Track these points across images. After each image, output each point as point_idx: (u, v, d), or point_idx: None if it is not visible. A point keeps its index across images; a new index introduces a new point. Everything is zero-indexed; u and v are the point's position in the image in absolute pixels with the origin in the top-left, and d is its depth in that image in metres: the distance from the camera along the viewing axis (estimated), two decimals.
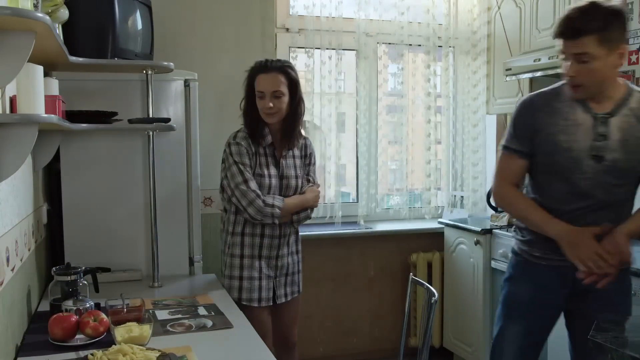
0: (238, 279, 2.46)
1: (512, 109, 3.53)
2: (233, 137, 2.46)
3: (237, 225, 2.47)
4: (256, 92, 2.41)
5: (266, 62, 2.43)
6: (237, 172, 2.39)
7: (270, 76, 2.39)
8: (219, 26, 3.45)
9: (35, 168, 2.32)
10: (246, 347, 1.86)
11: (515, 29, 3.52)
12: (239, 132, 2.48)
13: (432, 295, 2.22)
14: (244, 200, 2.37)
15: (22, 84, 1.58)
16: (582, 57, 1.86)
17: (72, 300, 1.97)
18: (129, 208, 2.63)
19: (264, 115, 2.42)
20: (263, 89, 2.39)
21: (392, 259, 3.84)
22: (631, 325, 1.74)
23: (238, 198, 2.38)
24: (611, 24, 1.83)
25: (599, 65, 1.85)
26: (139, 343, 1.70)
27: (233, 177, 2.39)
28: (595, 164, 1.96)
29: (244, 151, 2.42)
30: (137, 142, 2.61)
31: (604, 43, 1.82)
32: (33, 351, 1.76)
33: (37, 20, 1.37)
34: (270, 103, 2.38)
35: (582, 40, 1.83)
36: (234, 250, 2.47)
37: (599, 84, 1.91)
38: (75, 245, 2.54)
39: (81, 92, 2.52)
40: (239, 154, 2.41)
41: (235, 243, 2.47)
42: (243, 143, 2.42)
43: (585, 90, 1.93)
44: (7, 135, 1.56)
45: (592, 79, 1.89)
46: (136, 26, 2.71)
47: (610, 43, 1.83)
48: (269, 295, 2.49)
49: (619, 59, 1.86)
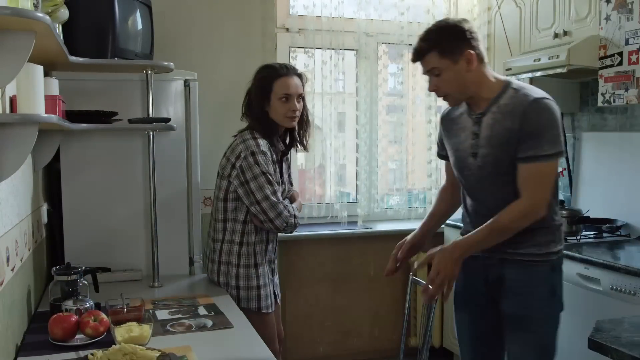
0: (256, 288, 2.43)
1: None
2: (255, 145, 2.36)
3: (249, 235, 2.43)
4: (278, 96, 2.39)
5: (285, 66, 2.45)
6: (265, 184, 2.34)
7: (293, 79, 2.41)
8: (219, 26, 3.45)
9: (36, 168, 2.32)
10: (246, 347, 1.86)
11: (515, 29, 3.52)
12: (256, 139, 2.39)
13: None
14: (272, 212, 2.34)
15: (22, 83, 1.58)
16: (434, 72, 2.05)
17: (72, 300, 1.97)
18: (129, 208, 2.63)
19: (286, 119, 2.42)
20: (291, 91, 2.40)
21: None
22: (631, 325, 1.74)
23: (265, 209, 2.34)
24: (443, 38, 2.03)
25: (451, 74, 2.03)
26: (139, 343, 1.70)
27: (262, 188, 2.33)
28: (474, 161, 2.12)
29: (269, 160, 2.38)
30: (137, 142, 2.62)
31: (444, 55, 2.01)
32: (33, 351, 1.76)
33: (37, 20, 1.37)
34: (298, 105, 2.40)
35: (426, 59, 2.05)
36: (248, 261, 2.44)
37: (462, 89, 2.07)
38: (75, 245, 2.54)
39: (81, 92, 2.52)
40: (267, 163, 2.36)
41: (249, 253, 2.44)
42: (268, 152, 2.38)
43: (453, 98, 2.12)
44: (7, 135, 1.56)
45: (452, 87, 2.07)
46: (136, 26, 2.71)
47: (452, 54, 2.01)
48: (273, 299, 2.53)
49: (467, 64, 2.02)
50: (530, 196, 2.00)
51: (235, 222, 2.43)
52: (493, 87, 2.09)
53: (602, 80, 2.86)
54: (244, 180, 2.35)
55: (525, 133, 1.99)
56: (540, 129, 1.99)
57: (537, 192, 2.01)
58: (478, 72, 2.06)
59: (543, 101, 2.02)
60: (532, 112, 2.00)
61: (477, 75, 2.06)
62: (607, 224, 3.08)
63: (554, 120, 2.01)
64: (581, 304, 2.66)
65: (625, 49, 2.73)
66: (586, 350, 1.66)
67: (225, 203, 2.43)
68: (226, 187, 2.41)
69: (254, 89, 2.45)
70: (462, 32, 2.03)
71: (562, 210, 3.07)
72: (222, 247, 2.45)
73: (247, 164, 2.34)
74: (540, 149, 1.98)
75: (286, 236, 3.53)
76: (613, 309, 2.43)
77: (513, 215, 2.01)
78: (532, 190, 2.00)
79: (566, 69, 2.91)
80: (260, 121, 2.42)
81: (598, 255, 2.65)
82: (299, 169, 3.92)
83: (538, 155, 1.98)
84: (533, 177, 2.01)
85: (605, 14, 2.83)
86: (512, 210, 2.00)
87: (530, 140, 1.99)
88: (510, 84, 2.10)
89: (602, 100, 2.86)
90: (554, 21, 3.20)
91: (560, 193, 3.46)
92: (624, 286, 2.43)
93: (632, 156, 3.11)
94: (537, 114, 2.00)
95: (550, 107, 2.02)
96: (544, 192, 2.02)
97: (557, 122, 2.02)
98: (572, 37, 3.07)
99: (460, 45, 2.02)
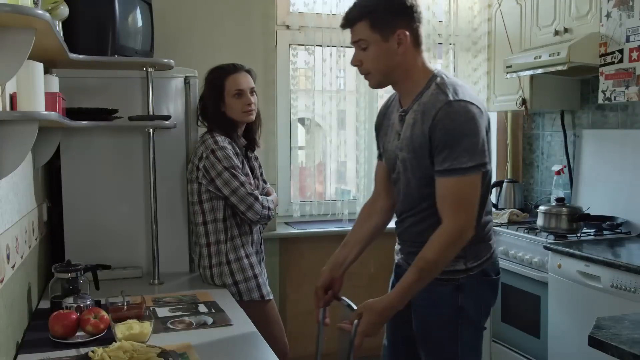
0: (253, 278, 2.48)
1: (512, 106, 3.57)
2: (213, 143, 2.40)
3: (232, 230, 2.47)
4: (232, 92, 2.45)
5: (233, 64, 2.51)
6: (231, 178, 2.39)
7: (243, 75, 2.49)
8: (219, 23, 3.45)
9: (36, 165, 2.32)
10: (246, 344, 1.86)
11: (515, 26, 3.52)
12: (215, 137, 2.43)
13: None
14: (242, 205, 2.40)
15: (22, 81, 1.58)
16: (361, 45, 1.82)
17: (72, 298, 1.97)
18: (129, 205, 2.63)
19: (243, 114, 2.48)
20: (243, 86, 2.47)
21: (393, 256, 3.83)
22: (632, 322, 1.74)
23: (235, 203, 2.40)
24: (379, 7, 1.79)
25: (377, 51, 1.79)
26: (139, 340, 1.71)
27: (227, 183, 2.39)
28: (399, 164, 1.89)
29: (230, 154, 2.42)
30: (137, 139, 2.61)
31: (375, 27, 1.78)
32: (33, 348, 1.76)
33: (37, 17, 1.37)
34: (252, 99, 2.47)
35: (355, 27, 1.81)
36: (238, 254, 2.47)
37: (386, 70, 1.83)
38: (75, 243, 2.54)
39: (81, 89, 2.52)
40: (228, 157, 2.40)
41: (237, 246, 2.47)
42: (228, 146, 2.43)
43: (375, 78, 1.86)
44: (7, 133, 1.56)
45: (375, 66, 1.83)
46: (136, 23, 2.70)
47: (383, 27, 1.77)
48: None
49: (398, 45, 1.79)
50: (452, 221, 1.74)
51: (216, 222, 2.46)
52: (419, 80, 1.84)
53: (603, 78, 2.85)
54: (210, 179, 2.41)
55: (438, 140, 1.74)
56: (454, 137, 1.72)
57: (459, 215, 1.74)
58: (409, 57, 1.81)
59: (459, 104, 1.74)
60: (445, 117, 1.73)
61: (407, 60, 1.82)
62: (607, 222, 3.08)
63: (470, 127, 1.73)
64: (582, 301, 2.67)
65: (626, 46, 2.73)
66: (586, 348, 1.66)
67: (201, 206, 2.46)
68: (198, 190, 2.46)
69: (207, 91, 2.50)
70: (401, 6, 1.80)
71: (563, 207, 3.07)
72: (209, 250, 2.48)
73: (210, 162, 2.40)
74: (457, 161, 1.72)
75: (286, 234, 3.56)
76: (613, 307, 2.44)
77: (437, 249, 1.74)
78: (453, 213, 1.74)
79: (567, 66, 2.91)
80: (217, 122, 2.48)
81: (598, 252, 2.65)
82: (299, 166, 3.92)
83: (455, 169, 1.72)
84: (451, 196, 1.74)
85: (606, 11, 2.82)
86: (434, 243, 1.74)
87: (445, 150, 1.73)
88: (436, 77, 1.83)
89: (603, 98, 2.86)
90: (555, 18, 3.20)
91: (561, 190, 3.47)
92: (625, 284, 2.43)
93: (633, 153, 3.11)
94: (451, 119, 1.73)
95: (468, 111, 1.74)
96: (466, 214, 1.75)
97: (476, 129, 1.73)
98: (572, 34, 3.06)
99: (395, 21, 1.78)
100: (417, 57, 1.84)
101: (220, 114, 2.48)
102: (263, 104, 3.41)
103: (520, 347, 3.19)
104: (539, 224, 3.12)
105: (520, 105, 3.46)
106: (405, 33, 1.78)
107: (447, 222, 1.75)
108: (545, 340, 2.94)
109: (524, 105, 3.44)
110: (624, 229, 3.05)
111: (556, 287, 2.84)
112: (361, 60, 1.84)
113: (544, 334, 2.96)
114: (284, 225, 3.67)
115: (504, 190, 3.80)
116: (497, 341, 3.38)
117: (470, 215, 1.76)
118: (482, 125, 1.76)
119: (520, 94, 3.47)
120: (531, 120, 3.93)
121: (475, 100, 1.79)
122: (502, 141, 4.04)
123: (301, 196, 3.85)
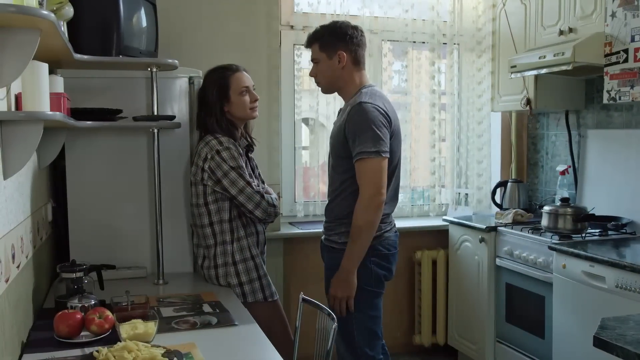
0: (258, 279, 2.48)
1: (517, 106, 3.57)
2: (218, 143, 2.41)
3: (238, 231, 2.48)
4: (239, 89, 2.48)
5: (232, 64, 2.54)
6: (237, 177, 2.40)
7: (245, 73, 2.54)
8: (223, 23, 3.45)
9: (41, 165, 2.32)
10: (250, 344, 1.86)
11: (520, 26, 3.51)
12: (218, 137, 2.43)
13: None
14: (250, 204, 2.41)
15: (27, 81, 1.59)
16: (315, 60, 2.46)
17: (77, 298, 1.97)
18: (133, 205, 2.63)
19: (250, 111, 2.51)
20: (247, 84, 2.52)
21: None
22: (637, 322, 1.73)
23: (243, 202, 2.41)
24: (325, 34, 2.42)
25: (324, 66, 2.43)
26: (144, 340, 1.71)
27: (234, 183, 2.39)
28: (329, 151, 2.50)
29: (236, 154, 2.42)
30: (141, 139, 2.62)
31: (323, 48, 2.41)
32: (38, 348, 1.77)
33: (42, 17, 1.38)
34: (256, 94, 2.53)
35: (311, 48, 2.46)
36: (244, 255, 2.47)
37: (330, 80, 2.45)
38: (80, 243, 2.54)
39: (86, 89, 2.53)
40: (233, 157, 2.41)
41: (243, 247, 2.48)
42: (232, 146, 2.43)
43: (323, 86, 2.51)
44: (12, 133, 1.57)
45: (323, 77, 2.46)
46: (141, 24, 2.71)
47: (328, 49, 2.40)
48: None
49: (338, 62, 2.40)
50: (365, 190, 2.30)
51: (222, 223, 2.46)
52: (354, 90, 2.42)
53: (608, 78, 2.84)
54: (217, 180, 2.41)
55: (349, 131, 2.31)
56: (360, 129, 2.28)
57: (368, 187, 2.29)
58: (347, 72, 2.42)
59: (363, 105, 2.31)
60: (354, 114, 2.31)
61: (346, 75, 2.42)
62: (612, 222, 3.07)
63: (369, 122, 2.27)
64: (586, 301, 2.66)
65: (631, 46, 2.72)
66: (591, 348, 1.66)
67: (207, 207, 2.46)
68: (203, 192, 2.46)
69: (211, 91, 2.48)
70: (343, 34, 2.40)
71: (568, 207, 3.06)
72: (215, 250, 2.47)
73: (215, 163, 2.40)
74: (362, 146, 2.27)
75: (290, 234, 3.55)
76: (618, 307, 2.43)
77: (357, 215, 2.30)
78: (365, 185, 2.30)
79: (571, 66, 2.90)
80: (219, 123, 2.47)
81: (603, 253, 2.64)
82: (303, 167, 3.92)
83: (361, 151, 2.27)
84: (362, 173, 2.30)
85: (611, 10, 2.81)
86: (355, 211, 2.31)
87: (354, 139, 2.29)
88: (362, 88, 2.40)
89: (608, 98, 2.85)
90: (559, 18, 3.19)
91: (565, 190, 3.46)
92: (630, 284, 2.43)
93: (638, 154, 3.10)
94: (358, 115, 2.30)
95: (372, 110, 2.29)
96: (374, 184, 2.28)
97: (375, 123, 2.28)
98: (577, 34, 3.06)
99: (337, 44, 2.39)
100: (355, 73, 2.44)
101: (222, 115, 2.48)
102: (267, 104, 3.41)
103: (525, 347, 3.18)
104: (544, 224, 3.12)
105: (525, 105, 3.46)
106: (343, 54, 2.40)
107: (361, 193, 2.31)
108: (549, 341, 2.94)
109: (528, 105, 3.44)
110: (629, 229, 3.04)
111: (561, 287, 2.83)
112: (315, 73, 2.48)
113: (549, 334, 2.95)
114: (288, 226, 3.67)
115: (509, 190, 3.80)
116: (501, 341, 3.37)
117: (377, 185, 2.29)
118: (384, 122, 2.32)
119: (525, 94, 3.46)
120: (536, 120, 3.92)
121: (382, 105, 2.34)
122: (507, 141, 4.03)
123: (305, 196, 3.85)
